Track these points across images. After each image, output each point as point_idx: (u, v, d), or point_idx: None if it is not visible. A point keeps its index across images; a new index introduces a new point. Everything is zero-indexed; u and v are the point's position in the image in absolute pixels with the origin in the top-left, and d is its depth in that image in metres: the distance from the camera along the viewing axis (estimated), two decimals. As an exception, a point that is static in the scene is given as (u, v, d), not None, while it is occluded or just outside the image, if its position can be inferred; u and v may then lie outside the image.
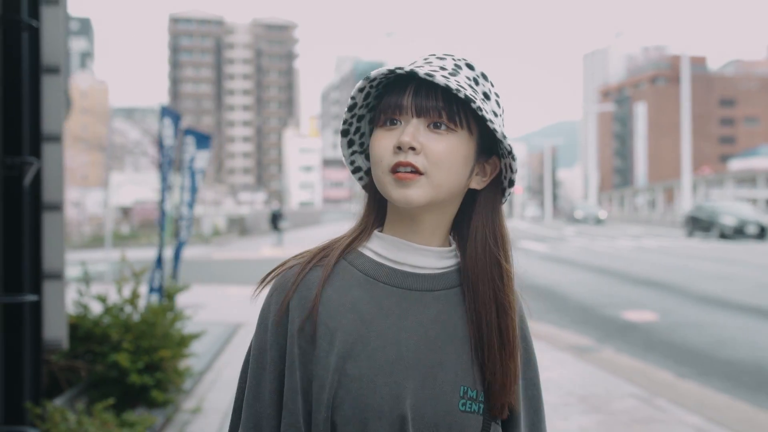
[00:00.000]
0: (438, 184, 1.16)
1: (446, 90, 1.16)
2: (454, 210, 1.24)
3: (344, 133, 1.26)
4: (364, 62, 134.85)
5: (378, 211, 1.27)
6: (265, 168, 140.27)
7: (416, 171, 1.15)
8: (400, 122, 1.18)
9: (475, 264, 1.21)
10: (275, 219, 32.37)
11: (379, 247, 1.24)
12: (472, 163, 1.21)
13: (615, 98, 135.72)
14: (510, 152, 1.20)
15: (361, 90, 1.20)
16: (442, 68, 1.19)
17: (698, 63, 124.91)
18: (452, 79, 1.17)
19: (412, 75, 1.17)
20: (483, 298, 1.20)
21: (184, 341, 5.66)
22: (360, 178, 1.31)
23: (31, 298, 3.69)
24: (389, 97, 1.18)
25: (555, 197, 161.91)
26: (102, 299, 5.44)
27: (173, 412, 5.57)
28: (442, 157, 1.15)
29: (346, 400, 1.14)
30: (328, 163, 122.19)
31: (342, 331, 1.17)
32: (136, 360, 5.14)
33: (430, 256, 1.23)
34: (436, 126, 1.16)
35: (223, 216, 48.17)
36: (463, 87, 1.16)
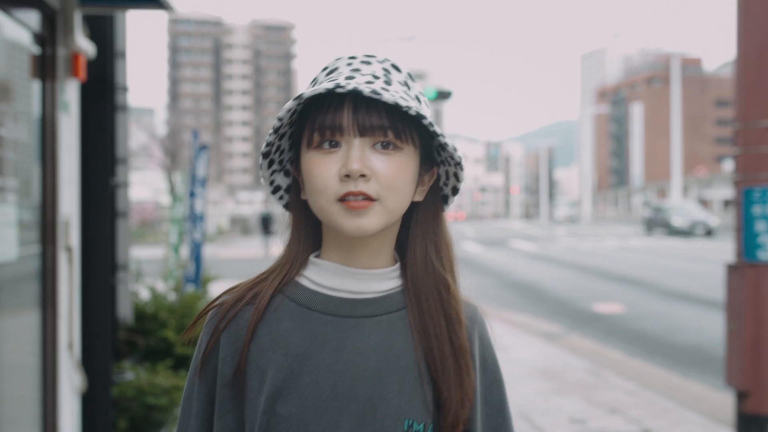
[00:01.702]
0: (392, 209, 1.09)
1: (388, 104, 1.07)
2: (396, 228, 1.16)
3: (265, 155, 1.15)
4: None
5: (308, 235, 1.18)
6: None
7: (369, 198, 1.06)
8: (339, 144, 1.07)
9: (416, 277, 1.14)
10: (266, 222, 30.71)
11: (315, 275, 1.16)
12: (418, 177, 1.14)
13: (611, 99, 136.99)
14: (458, 162, 1.13)
15: (289, 110, 1.08)
16: (374, 76, 1.10)
17: (694, 64, 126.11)
18: (391, 89, 1.08)
19: (356, 93, 1.06)
20: (429, 310, 1.13)
21: (215, 321, 7.02)
22: (280, 197, 1.21)
23: (112, 282, 5.02)
24: (323, 116, 1.07)
25: (552, 197, 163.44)
26: (151, 288, 6.78)
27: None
28: (394, 180, 1.07)
29: None
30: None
31: (272, 369, 1.10)
32: (179, 334, 6.46)
33: (369, 280, 1.14)
34: (383, 146, 1.08)
35: (225, 216, 49.44)
36: (406, 99, 1.08)
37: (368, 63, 1.12)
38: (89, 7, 4.08)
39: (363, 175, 1.05)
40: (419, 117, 1.06)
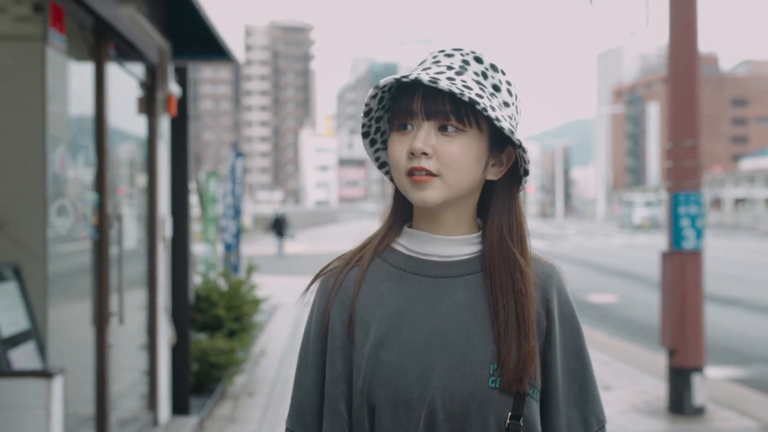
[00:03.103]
0: (452, 184, 1.21)
1: (453, 92, 1.17)
2: (473, 201, 1.30)
3: (365, 135, 1.32)
4: (379, 63, 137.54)
5: (404, 208, 1.33)
6: (282, 167, 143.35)
7: (430, 173, 1.20)
8: (413, 126, 1.22)
9: (491, 251, 1.26)
10: (279, 225, 28.12)
11: (408, 242, 1.31)
12: (486, 158, 1.25)
13: (628, 98, 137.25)
14: (520, 145, 1.23)
15: (373, 96, 1.25)
16: (449, 67, 1.24)
17: (710, 63, 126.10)
18: (458, 79, 1.21)
19: (417, 82, 1.19)
20: (499, 283, 1.25)
21: (256, 302, 8.41)
22: (387, 172, 1.36)
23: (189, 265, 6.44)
24: (400, 102, 1.23)
25: (568, 196, 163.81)
26: (204, 275, 8.21)
27: (247, 354, 8.33)
28: (453, 159, 1.20)
29: (378, 384, 1.23)
30: (343, 162, 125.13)
31: (376, 323, 1.26)
32: (228, 312, 7.88)
33: (453, 246, 1.29)
34: (445, 128, 1.20)
35: (249, 215, 51.03)
36: (469, 87, 1.20)
37: (450, 55, 1.26)
38: (177, 61, 5.49)
39: (425, 153, 1.19)
40: (473, 102, 1.16)
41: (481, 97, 1.19)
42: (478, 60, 1.26)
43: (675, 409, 5.91)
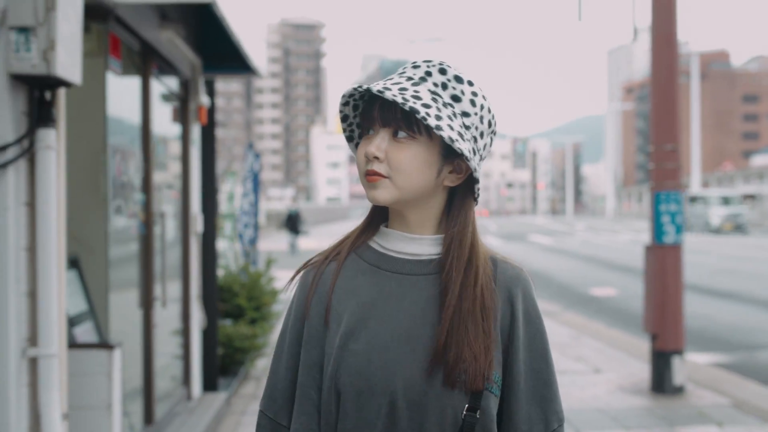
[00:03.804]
0: (401, 186, 1.31)
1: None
2: (437, 204, 1.37)
3: (349, 138, 1.42)
4: (390, 61, 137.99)
5: (382, 208, 1.42)
6: (293, 164, 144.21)
7: (380, 175, 1.31)
8: (374, 131, 1.33)
9: (445, 253, 1.35)
10: (292, 221, 27.63)
11: (382, 240, 1.40)
12: (438, 164, 1.33)
13: (638, 94, 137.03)
14: (462, 153, 1.28)
15: (345, 104, 1.37)
16: (410, 78, 1.33)
17: (722, 59, 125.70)
18: (412, 89, 1.30)
19: (368, 92, 1.32)
20: (450, 283, 1.32)
21: (274, 293, 9.06)
22: None
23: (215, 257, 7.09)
24: (366, 110, 1.34)
25: (579, 193, 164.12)
26: (225, 266, 8.87)
27: (266, 340, 8.99)
28: (401, 163, 1.30)
29: (345, 372, 1.31)
30: (354, 159, 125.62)
31: (348, 314, 1.35)
32: (249, 302, 8.53)
33: (422, 245, 1.37)
34: (397, 135, 1.30)
35: (261, 212, 51.80)
36: (419, 97, 1.28)
37: (417, 67, 1.34)
38: (207, 75, 6.14)
39: (377, 157, 1.30)
40: (413, 111, 1.24)
41: (428, 106, 1.28)
42: (442, 71, 1.34)
43: (657, 389, 6.52)
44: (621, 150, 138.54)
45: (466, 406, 1.29)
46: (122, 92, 4.57)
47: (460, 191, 1.37)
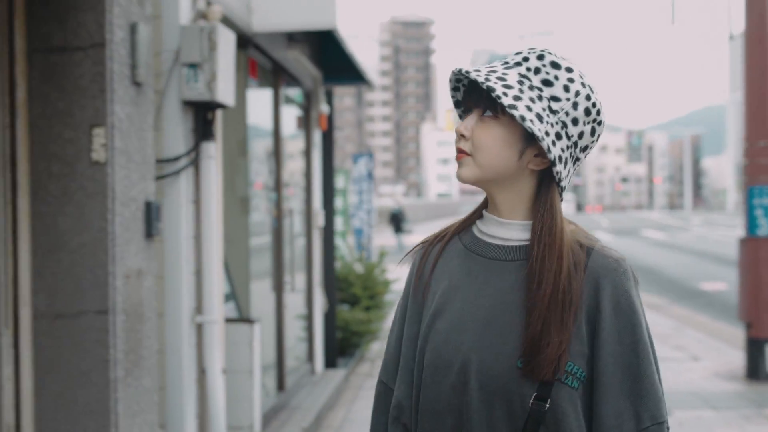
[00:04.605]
0: (481, 164, 1.35)
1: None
2: (525, 189, 1.38)
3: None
4: (500, 55, 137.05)
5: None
6: (404, 161, 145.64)
7: (464, 152, 1.36)
8: (471, 111, 1.38)
9: (531, 240, 1.35)
10: (396, 220, 27.71)
11: (481, 224, 1.43)
12: (520, 145, 1.34)
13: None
14: (533, 133, 1.30)
15: (455, 89, 1.42)
16: (506, 63, 1.37)
17: None
18: (501, 72, 1.34)
19: (460, 73, 1.37)
20: (533, 271, 1.32)
21: (386, 283, 9.79)
22: None
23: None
24: (465, 94, 1.40)
25: (699, 187, 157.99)
26: (341, 257, 9.65)
27: (379, 326, 9.72)
28: (481, 141, 1.34)
29: (428, 349, 1.38)
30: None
31: (439, 294, 1.41)
32: (364, 291, 9.27)
33: (512, 229, 1.38)
34: (485, 114, 1.35)
35: (375, 209, 52.99)
36: (503, 79, 1.33)
37: (519, 53, 1.39)
38: (326, 85, 6.89)
39: (463, 136, 1.36)
40: (489, 90, 1.30)
41: (509, 87, 1.31)
42: (540, 57, 1.36)
43: (751, 375, 6.80)
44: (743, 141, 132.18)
45: (534, 395, 1.30)
46: (257, 105, 5.34)
47: (547, 177, 1.36)
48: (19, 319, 2.84)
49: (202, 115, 3.63)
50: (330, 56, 6.72)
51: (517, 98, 1.31)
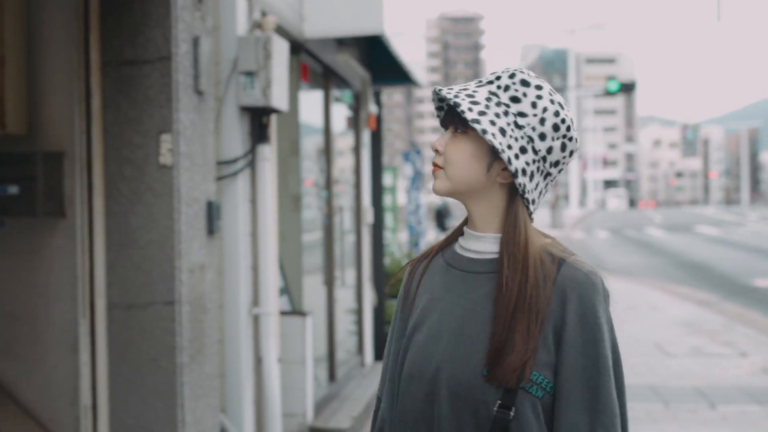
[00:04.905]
0: (451, 177, 1.41)
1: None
2: (496, 202, 1.42)
3: None
4: (550, 50, 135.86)
5: None
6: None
7: (438, 166, 1.43)
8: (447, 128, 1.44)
9: (500, 252, 1.39)
10: (440, 217, 28.38)
11: (462, 239, 1.48)
12: (487, 159, 1.39)
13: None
14: (503, 151, 1.35)
15: (439, 109, 1.48)
16: (479, 81, 1.44)
17: None
18: (471, 89, 1.41)
19: (437, 92, 1.44)
20: (501, 282, 1.36)
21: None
22: None
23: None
24: (446, 113, 1.46)
25: (757, 182, 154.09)
26: (391, 253, 9.87)
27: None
28: (451, 156, 1.40)
29: (407, 361, 1.44)
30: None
31: (420, 308, 1.46)
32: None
33: (486, 242, 1.43)
34: (457, 131, 1.41)
35: (423, 205, 53.32)
36: (470, 96, 1.39)
37: (494, 73, 1.45)
38: (375, 87, 7.10)
39: (437, 150, 1.43)
40: (455, 105, 1.37)
41: (476, 103, 1.37)
42: (511, 76, 1.41)
43: (799, 371, 6.80)
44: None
45: (498, 402, 1.33)
46: (309, 107, 5.58)
47: (515, 190, 1.40)
48: (95, 310, 3.11)
49: (258, 120, 3.86)
50: (378, 58, 6.93)
51: (481, 113, 1.36)
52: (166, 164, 3.04)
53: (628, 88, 33.12)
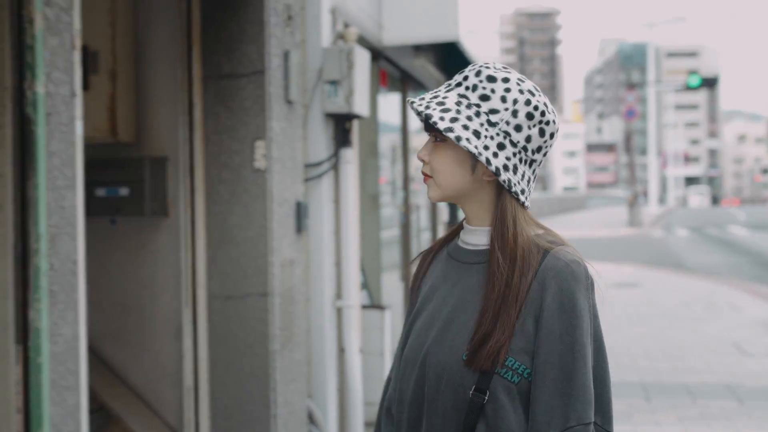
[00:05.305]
0: (441, 185, 1.46)
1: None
2: (487, 198, 1.47)
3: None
4: (629, 44, 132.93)
5: None
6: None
7: (427, 176, 1.49)
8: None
9: (491, 243, 1.45)
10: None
11: (462, 233, 1.55)
12: (470, 162, 1.43)
13: None
14: (480, 154, 1.38)
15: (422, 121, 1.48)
16: (448, 85, 1.47)
17: None
18: (441, 96, 1.44)
19: (409, 104, 1.49)
20: (488, 272, 1.43)
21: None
22: None
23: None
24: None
25: None
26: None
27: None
28: (436, 164, 1.46)
29: (407, 345, 1.53)
30: (591, 147, 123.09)
31: (422, 297, 1.55)
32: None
33: (479, 235, 1.49)
34: (435, 139, 1.46)
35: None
36: (441, 104, 1.42)
37: (461, 73, 1.47)
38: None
39: (423, 160, 1.48)
40: (427, 117, 1.40)
41: (447, 110, 1.40)
42: (477, 74, 1.43)
43: None
44: None
45: (474, 386, 1.39)
46: (387, 111, 5.84)
47: (497, 185, 1.45)
48: (197, 300, 3.44)
49: (341, 125, 4.13)
50: (454, 61, 7.13)
51: (453, 120, 1.39)
52: (260, 168, 3.34)
53: (710, 83, 32.16)
